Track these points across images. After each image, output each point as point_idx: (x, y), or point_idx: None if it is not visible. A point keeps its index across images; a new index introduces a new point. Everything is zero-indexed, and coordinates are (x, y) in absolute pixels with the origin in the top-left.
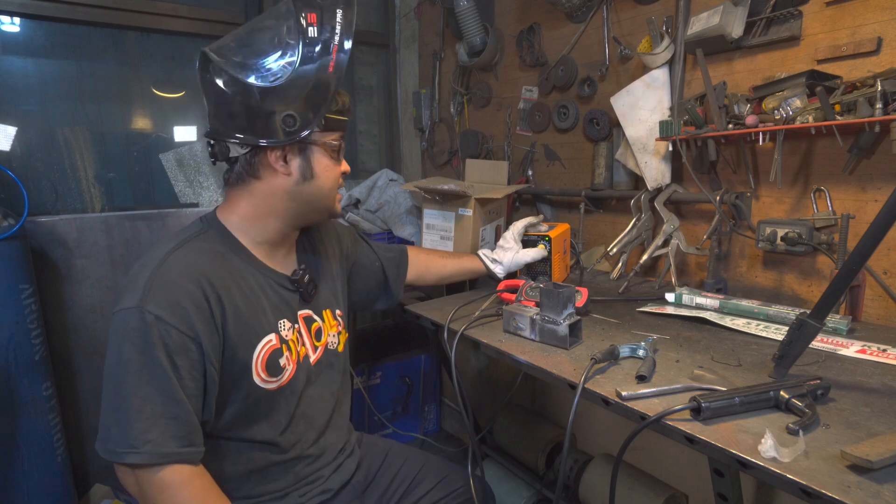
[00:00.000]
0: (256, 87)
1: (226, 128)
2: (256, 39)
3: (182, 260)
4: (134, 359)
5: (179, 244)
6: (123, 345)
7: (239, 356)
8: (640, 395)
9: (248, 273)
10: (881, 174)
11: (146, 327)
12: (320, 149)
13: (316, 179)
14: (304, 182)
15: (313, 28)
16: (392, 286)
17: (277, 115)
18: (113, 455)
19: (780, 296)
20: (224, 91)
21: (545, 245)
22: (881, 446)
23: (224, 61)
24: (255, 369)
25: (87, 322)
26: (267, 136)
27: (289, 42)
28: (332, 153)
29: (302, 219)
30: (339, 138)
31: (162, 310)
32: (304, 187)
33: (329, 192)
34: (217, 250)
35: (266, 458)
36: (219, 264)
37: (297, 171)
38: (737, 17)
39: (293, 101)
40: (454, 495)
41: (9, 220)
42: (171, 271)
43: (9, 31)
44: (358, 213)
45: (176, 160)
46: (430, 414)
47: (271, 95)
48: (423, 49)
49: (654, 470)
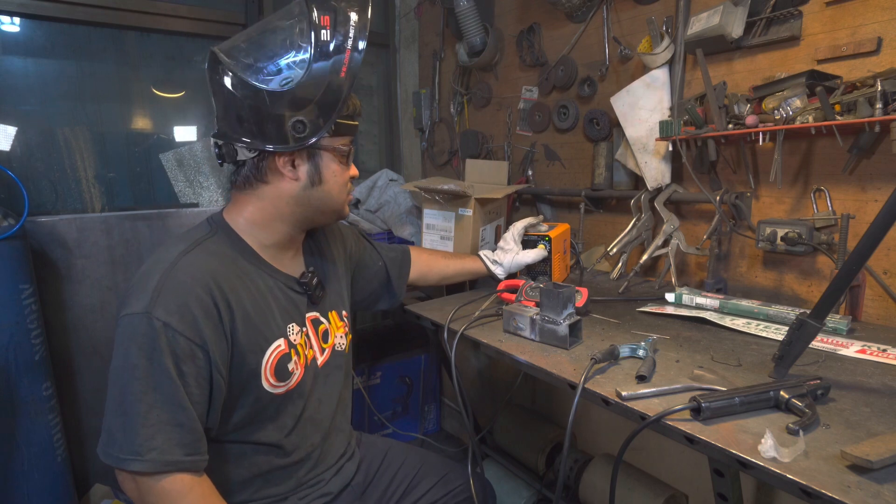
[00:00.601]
0: (266, 91)
1: (234, 130)
2: (268, 41)
3: (193, 264)
4: (140, 365)
5: (190, 247)
6: (130, 350)
7: (248, 362)
8: (640, 395)
9: (258, 276)
10: (881, 174)
11: (154, 333)
12: (329, 154)
13: (324, 185)
14: (313, 187)
15: (326, 31)
16: (395, 286)
17: (287, 120)
18: (116, 461)
19: (780, 296)
20: (233, 93)
21: (545, 245)
22: (881, 446)
23: (234, 63)
24: (264, 374)
25: (87, 322)
26: (276, 141)
27: (301, 45)
28: (342, 158)
29: (309, 222)
30: (348, 143)
31: (171, 316)
32: (312, 192)
33: (337, 197)
34: (226, 253)
35: (270, 461)
36: (229, 268)
37: (305, 177)
38: (737, 17)
39: (303, 107)
40: (454, 493)
41: (9, 220)
42: (182, 275)
43: (9, 31)
44: (358, 213)
45: (176, 160)
46: (430, 414)
47: (281, 100)
48: (423, 49)
49: (654, 470)
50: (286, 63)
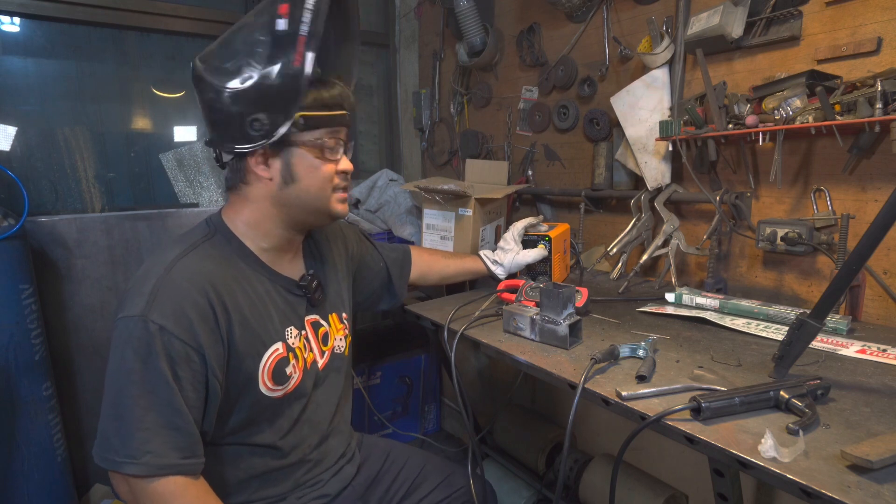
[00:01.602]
0: (226, 91)
1: (212, 134)
2: (235, 39)
3: (189, 267)
4: (136, 368)
5: (187, 250)
6: (126, 353)
7: (245, 365)
8: (640, 395)
9: (256, 279)
10: (881, 174)
11: (149, 337)
12: (302, 149)
13: (299, 182)
14: (287, 186)
15: (284, 21)
16: (396, 287)
17: (246, 118)
18: (111, 464)
19: (780, 296)
20: (204, 97)
21: (545, 245)
22: (881, 446)
23: (204, 66)
24: (262, 378)
25: (87, 322)
26: (241, 141)
27: (259, 39)
28: (318, 152)
29: (300, 224)
30: (326, 135)
31: (166, 320)
32: (287, 191)
33: (318, 194)
34: (224, 256)
35: (266, 463)
36: (226, 271)
37: (278, 175)
38: (737, 17)
39: (262, 103)
40: (456, 495)
41: (9, 220)
42: (178, 279)
43: (9, 31)
44: (358, 213)
45: (176, 160)
46: (430, 414)
47: (240, 99)
48: (423, 49)
49: (654, 470)
50: (246, 60)
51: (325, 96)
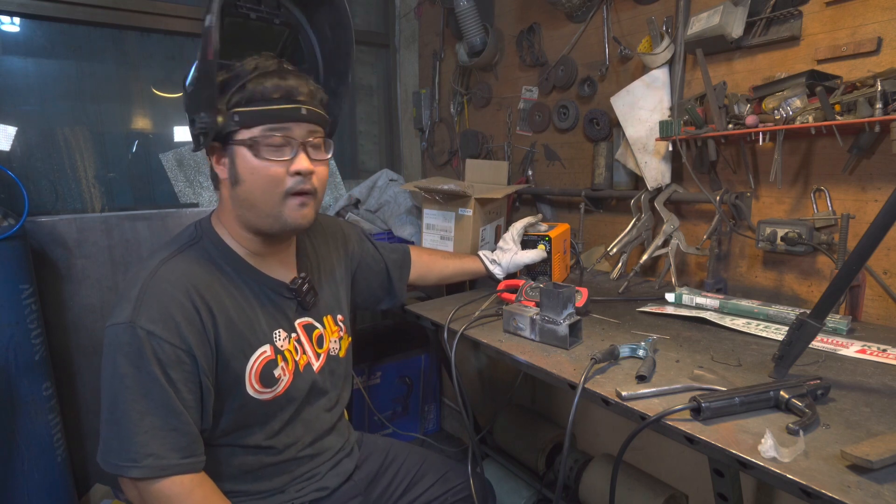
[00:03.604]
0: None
1: None
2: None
3: (173, 271)
4: (129, 374)
5: (172, 254)
6: (118, 360)
7: (232, 367)
8: (640, 395)
9: (242, 282)
10: (881, 174)
11: (139, 342)
12: (241, 148)
13: (243, 183)
14: (234, 187)
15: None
16: (396, 287)
17: (192, 118)
18: (115, 468)
19: (780, 296)
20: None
21: (545, 245)
22: (881, 446)
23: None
24: (249, 381)
25: (87, 322)
26: (195, 141)
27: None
28: (256, 151)
29: (255, 229)
30: (268, 132)
31: (154, 324)
32: (236, 193)
33: (262, 197)
34: (209, 259)
35: (260, 460)
36: (210, 275)
37: (227, 175)
38: (737, 17)
39: (196, 101)
40: (454, 492)
41: (9, 220)
42: (162, 283)
43: (9, 31)
44: (358, 213)
45: (176, 160)
46: (430, 414)
47: (188, 102)
48: (423, 49)
49: (654, 470)
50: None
51: (268, 89)
